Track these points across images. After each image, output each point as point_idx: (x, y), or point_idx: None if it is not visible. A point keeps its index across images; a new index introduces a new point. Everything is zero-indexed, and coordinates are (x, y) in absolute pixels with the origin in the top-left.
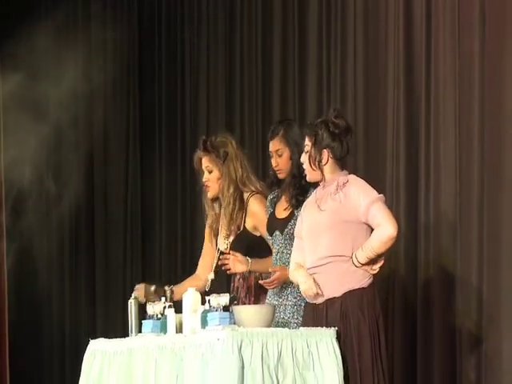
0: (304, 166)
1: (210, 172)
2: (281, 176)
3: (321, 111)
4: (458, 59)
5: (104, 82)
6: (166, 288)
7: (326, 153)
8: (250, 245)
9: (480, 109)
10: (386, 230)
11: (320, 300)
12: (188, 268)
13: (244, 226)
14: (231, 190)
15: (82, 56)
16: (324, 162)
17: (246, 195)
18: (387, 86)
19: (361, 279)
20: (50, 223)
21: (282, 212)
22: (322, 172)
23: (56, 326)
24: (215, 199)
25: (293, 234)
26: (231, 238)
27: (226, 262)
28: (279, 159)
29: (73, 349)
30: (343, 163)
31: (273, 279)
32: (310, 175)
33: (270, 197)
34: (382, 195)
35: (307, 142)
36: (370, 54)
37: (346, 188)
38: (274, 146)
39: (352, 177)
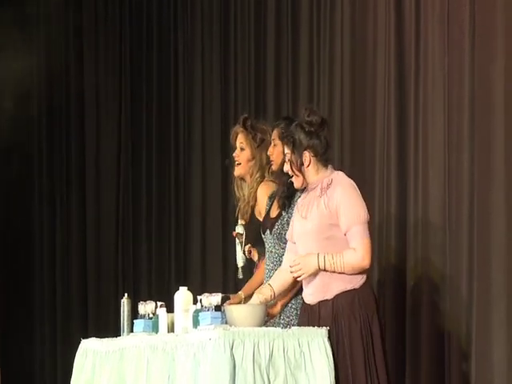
0: (290, 174)
1: (242, 150)
2: (273, 167)
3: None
4: (447, 56)
5: (95, 83)
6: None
7: (307, 154)
8: (258, 232)
9: (470, 107)
10: (360, 259)
11: (313, 299)
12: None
13: (253, 212)
14: (258, 176)
15: (73, 59)
16: (307, 163)
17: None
18: (376, 86)
19: (352, 280)
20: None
21: (275, 211)
22: (303, 176)
23: (48, 325)
24: (242, 178)
25: (280, 233)
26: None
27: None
28: (272, 149)
29: (64, 348)
30: (326, 159)
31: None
32: (296, 182)
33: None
34: (364, 215)
35: (287, 151)
36: (358, 55)
37: (330, 190)
38: (272, 135)
39: (337, 175)
